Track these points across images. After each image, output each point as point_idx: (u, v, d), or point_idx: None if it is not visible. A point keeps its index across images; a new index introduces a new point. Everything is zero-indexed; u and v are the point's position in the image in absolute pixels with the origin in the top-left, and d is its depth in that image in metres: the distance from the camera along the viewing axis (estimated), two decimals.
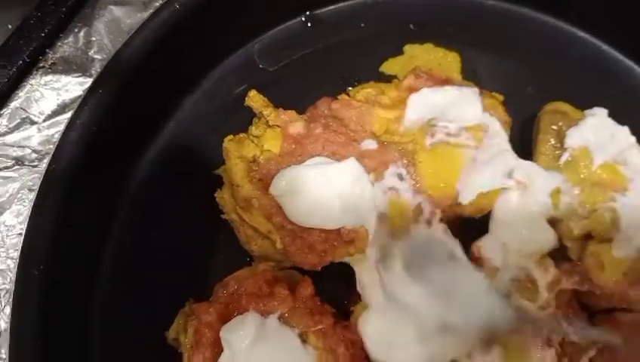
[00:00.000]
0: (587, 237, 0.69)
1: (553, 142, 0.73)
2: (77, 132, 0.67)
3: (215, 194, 0.73)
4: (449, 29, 0.85)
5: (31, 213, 0.63)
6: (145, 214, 0.76)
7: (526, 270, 0.67)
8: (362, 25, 0.87)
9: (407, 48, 0.83)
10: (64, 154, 0.66)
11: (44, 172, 0.68)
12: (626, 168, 0.69)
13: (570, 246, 0.69)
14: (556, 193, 0.69)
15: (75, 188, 0.67)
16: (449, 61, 0.81)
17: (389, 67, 0.83)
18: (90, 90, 0.69)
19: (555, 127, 0.73)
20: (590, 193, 0.69)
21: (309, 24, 0.87)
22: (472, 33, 0.85)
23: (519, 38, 0.86)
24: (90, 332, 0.70)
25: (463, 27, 0.86)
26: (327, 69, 0.84)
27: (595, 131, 0.71)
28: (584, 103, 0.75)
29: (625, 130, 0.70)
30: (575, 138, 0.71)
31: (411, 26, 0.86)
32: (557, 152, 0.72)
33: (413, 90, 0.70)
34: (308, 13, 0.87)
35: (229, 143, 0.71)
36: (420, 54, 0.82)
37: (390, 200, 0.68)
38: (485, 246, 0.69)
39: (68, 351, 0.67)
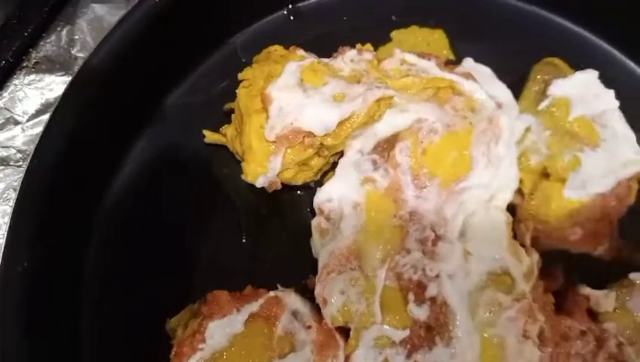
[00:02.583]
0: (543, 175, 0.70)
1: (537, 89, 0.75)
2: (59, 127, 0.67)
3: (220, 129, 0.78)
4: (430, 20, 0.86)
5: (14, 207, 0.63)
6: (133, 206, 0.76)
7: (501, 261, 0.65)
8: (344, 18, 0.88)
9: (394, 34, 0.85)
10: (46, 150, 0.66)
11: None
12: (603, 129, 0.70)
13: (525, 179, 0.71)
14: (525, 131, 0.71)
15: (60, 181, 0.67)
16: (436, 38, 0.82)
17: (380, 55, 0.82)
18: (70, 87, 0.69)
19: (545, 77, 0.75)
20: (561, 140, 0.70)
21: (292, 17, 0.87)
22: (453, 24, 0.86)
23: (502, 28, 0.86)
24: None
25: (445, 18, 0.86)
26: None
27: (581, 87, 0.72)
28: None
29: (610, 93, 0.72)
30: (558, 88, 0.73)
31: (393, 18, 0.87)
32: (539, 98, 0.74)
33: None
34: (290, 6, 0.87)
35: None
36: (407, 38, 0.83)
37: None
38: None
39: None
